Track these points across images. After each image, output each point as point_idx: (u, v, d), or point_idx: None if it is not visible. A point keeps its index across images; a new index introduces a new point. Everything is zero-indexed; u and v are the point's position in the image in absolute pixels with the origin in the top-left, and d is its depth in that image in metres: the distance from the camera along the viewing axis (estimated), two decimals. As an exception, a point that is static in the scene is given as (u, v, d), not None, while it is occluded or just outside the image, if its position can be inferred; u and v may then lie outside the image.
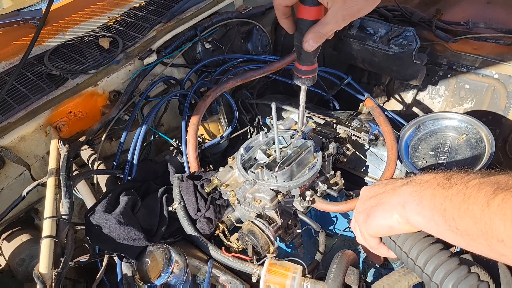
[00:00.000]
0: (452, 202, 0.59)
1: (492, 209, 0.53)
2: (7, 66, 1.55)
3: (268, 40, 1.85)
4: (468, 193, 0.57)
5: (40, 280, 0.88)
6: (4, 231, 1.36)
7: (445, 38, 1.82)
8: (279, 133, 1.08)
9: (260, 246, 0.97)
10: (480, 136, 1.32)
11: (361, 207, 0.80)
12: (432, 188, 0.64)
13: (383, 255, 0.82)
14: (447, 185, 0.62)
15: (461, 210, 0.57)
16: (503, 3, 1.99)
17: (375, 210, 0.74)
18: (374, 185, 0.81)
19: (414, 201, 0.66)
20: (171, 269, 0.91)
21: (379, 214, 0.73)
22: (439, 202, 0.61)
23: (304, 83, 0.99)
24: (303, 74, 0.98)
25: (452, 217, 0.59)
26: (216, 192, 1.12)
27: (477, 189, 0.57)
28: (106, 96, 1.50)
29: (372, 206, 0.75)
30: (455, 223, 0.58)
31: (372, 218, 0.74)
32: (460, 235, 0.58)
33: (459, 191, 0.59)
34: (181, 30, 1.66)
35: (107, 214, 1.05)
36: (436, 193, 0.63)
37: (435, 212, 0.62)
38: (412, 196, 0.67)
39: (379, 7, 2.12)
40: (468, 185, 0.58)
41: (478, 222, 0.55)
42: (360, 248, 1.40)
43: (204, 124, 1.58)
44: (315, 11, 0.83)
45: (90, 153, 1.36)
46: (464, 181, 0.60)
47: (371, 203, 0.76)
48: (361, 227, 0.79)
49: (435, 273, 0.66)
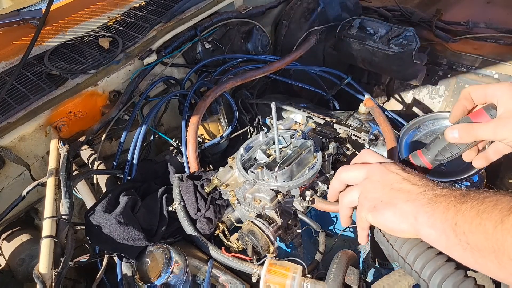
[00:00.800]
0: (464, 216, 0.58)
1: (506, 225, 0.52)
2: (7, 66, 1.55)
3: (268, 40, 1.85)
4: (483, 209, 0.56)
5: (40, 280, 0.88)
6: (4, 231, 1.36)
7: (445, 38, 1.82)
8: (279, 133, 1.08)
9: (260, 246, 0.97)
10: (480, 136, 1.32)
11: (372, 192, 0.75)
12: (447, 202, 0.63)
13: (366, 238, 0.80)
14: (462, 200, 0.61)
15: (473, 224, 0.56)
16: (503, 3, 1.99)
17: (385, 209, 0.71)
18: (389, 166, 0.75)
19: (427, 213, 0.64)
20: (171, 269, 0.91)
21: (389, 215, 0.70)
22: (451, 216, 0.60)
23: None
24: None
25: (463, 231, 0.58)
26: (216, 192, 1.12)
27: (492, 205, 0.56)
28: (106, 96, 1.50)
29: (382, 200, 0.72)
30: (465, 237, 0.57)
31: (379, 214, 0.72)
32: (470, 250, 0.57)
33: (473, 206, 0.58)
34: (181, 30, 1.66)
35: (107, 214, 1.05)
36: (449, 207, 0.61)
37: (446, 225, 0.60)
38: (424, 207, 0.65)
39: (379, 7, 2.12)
40: (484, 201, 0.57)
41: (490, 238, 0.54)
42: (360, 248, 1.41)
43: (204, 124, 1.58)
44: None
45: (90, 153, 1.36)
46: (480, 198, 0.59)
47: (383, 197, 0.72)
48: (362, 210, 0.76)
49: (431, 278, 0.66)
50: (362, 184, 0.79)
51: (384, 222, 0.72)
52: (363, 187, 0.78)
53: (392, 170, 0.76)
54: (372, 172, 0.78)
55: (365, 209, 0.75)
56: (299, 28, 1.90)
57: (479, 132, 0.77)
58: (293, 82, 1.85)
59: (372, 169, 0.79)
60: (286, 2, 2.02)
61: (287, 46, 1.93)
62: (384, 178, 0.75)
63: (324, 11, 1.94)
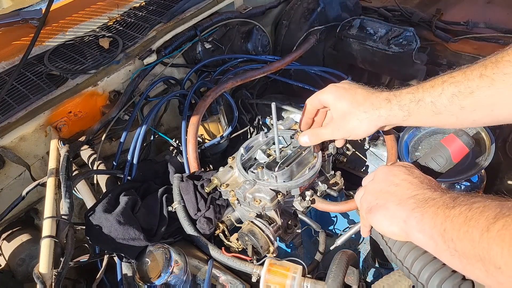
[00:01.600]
0: (452, 223, 0.58)
1: (491, 234, 0.52)
2: (7, 66, 1.55)
3: (268, 40, 1.85)
4: (470, 216, 0.56)
5: (40, 280, 0.88)
6: (4, 231, 1.36)
7: (445, 38, 1.82)
8: (279, 133, 1.08)
9: (260, 246, 0.97)
10: (480, 136, 1.32)
11: (370, 194, 0.78)
12: (436, 206, 0.63)
13: (368, 232, 0.84)
14: (451, 205, 0.61)
15: (461, 232, 0.56)
16: (503, 3, 1.99)
17: (378, 212, 0.73)
18: (392, 169, 0.79)
19: (415, 218, 0.65)
20: (171, 269, 0.91)
21: (380, 218, 0.72)
22: (439, 221, 0.60)
23: None
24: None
25: (451, 238, 0.58)
26: (216, 192, 1.12)
27: (479, 212, 0.55)
28: (106, 96, 1.50)
29: (377, 204, 0.74)
30: (454, 244, 0.57)
31: (373, 216, 0.74)
32: (458, 257, 0.57)
33: (461, 213, 0.58)
34: (181, 30, 1.66)
35: (107, 214, 1.05)
36: (438, 212, 0.62)
37: (435, 231, 0.61)
38: (414, 212, 0.66)
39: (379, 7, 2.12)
40: (471, 207, 0.57)
41: (476, 246, 0.53)
42: (360, 248, 1.41)
43: (204, 124, 1.58)
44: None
45: (90, 153, 1.36)
46: (468, 203, 0.59)
47: (378, 200, 0.75)
48: (362, 211, 0.80)
49: (429, 281, 0.66)
50: (366, 186, 0.82)
51: (377, 224, 0.74)
52: (366, 188, 0.81)
53: (394, 171, 0.78)
54: (377, 173, 0.81)
55: (363, 210, 0.78)
56: (299, 28, 1.90)
57: (323, 135, 0.98)
58: (293, 82, 1.85)
59: (378, 171, 0.82)
60: (286, 2, 2.02)
61: (287, 46, 1.93)
62: (385, 179, 0.78)
63: (324, 11, 1.94)
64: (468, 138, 0.91)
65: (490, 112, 0.74)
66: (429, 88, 0.80)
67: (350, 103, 0.90)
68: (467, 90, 0.74)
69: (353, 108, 0.90)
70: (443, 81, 0.78)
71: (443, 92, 0.77)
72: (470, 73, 0.75)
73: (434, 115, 0.80)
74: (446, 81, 0.78)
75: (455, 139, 0.91)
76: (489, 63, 0.73)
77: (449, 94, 0.77)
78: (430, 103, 0.79)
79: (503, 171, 1.63)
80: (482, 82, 0.72)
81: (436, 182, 0.74)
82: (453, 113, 0.78)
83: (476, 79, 0.73)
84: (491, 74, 0.71)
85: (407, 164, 0.81)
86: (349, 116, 0.90)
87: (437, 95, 0.78)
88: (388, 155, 1.30)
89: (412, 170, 0.77)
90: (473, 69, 0.75)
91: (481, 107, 0.74)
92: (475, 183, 1.30)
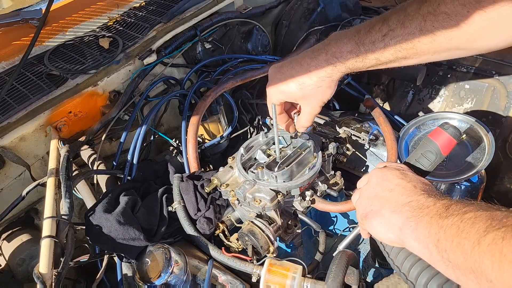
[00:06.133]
0: (446, 233, 0.59)
1: (482, 248, 0.52)
2: (7, 66, 1.55)
3: (268, 40, 1.85)
4: (462, 227, 0.57)
5: (40, 280, 0.88)
6: (4, 231, 1.36)
7: (445, 38, 1.82)
8: (279, 133, 1.08)
9: (260, 246, 0.97)
10: (480, 136, 1.32)
11: (365, 199, 0.78)
12: (429, 216, 0.64)
13: (366, 234, 0.85)
14: (444, 215, 0.61)
15: (454, 243, 0.57)
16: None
17: (373, 218, 0.74)
18: (386, 172, 0.79)
19: (410, 227, 0.66)
20: (171, 269, 0.91)
21: (377, 224, 0.73)
22: (434, 231, 0.61)
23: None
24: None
25: (444, 248, 0.58)
26: (216, 192, 1.12)
27: (471, 223, 0.56)
28: (106, 96, 1.50)
29: (372, 210, 0.75)
30: (447, 255, 0.58)
31: (369, 223, 0.74)
32: (452, 268, 0.58)
33: (454, 223, 0.58)
34: (181, 30, 1.66)
35: (107, 214, 1.05)
36: (432, 222, 0.62)
37: (429, 241, 0.62)
38: (409, 220, 0.67)
39: (379, 7, 2.12)
40: (463, 218, 0.58)
41: (468, 258, 0.54)
42: (360, 248, 1.41)
43: (204, 124, 1.58)
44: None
45: (90, 153, 1.36)
46: (460, 213, 0.59)
47: (373, 206, 0.75)
48: (358, 215, 0.80)
49: (426, 287, 0.67)
50: (361, 189, 0.83)
51: (374, 231, 0.74)
52: (360, 192, 0.82)
53: (388, 176, 0.78)
54: (371, 176, 0.82)
55: (359, 215, 0.79)
56: (299, 28, 1.90)
57: (307, 115, 1.02)
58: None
59: (372, 174, 0.82)
60: (286, 2, 2.02)
61: (287, 46, 1.93)
62: (379, 183, 0.79)
63: (324, 11, 1.94)
64: (455, 129, 0.91)
65: (431, 56, 0.81)
66: (370, 44, 0.82)
67: (297, 81, 0.94)
68: (409, 45, 0.78)
69: (305, 79, 0.94)
70: (383, 35, 0.80)
71: (385, 49, 0.81)
72: (409, 24, 0.77)
73: (377, 65, 0.85)
74: (387, 35, 0.80)
75: (442, 132, 0.91)
76: (427, 13, 0.75)
77: (392, 50, 0.80)
78: (375, 59, 0.84)
79: (503, 171, 1.63)
80: (424, 38, 0.76)
81: (430, 185, 0.75)
82: (395, 63, 0.84)
83: (417, 33, 0.76)
84: (432, 28, 0.74)
85: (400, 167, 0.81)
86: (306, 88, 0.95)
87: (380, 53, 0.82)
88: (388, 155, 1.30)
89: (405, 174, 0.78)
90: (411, 18, 0.77)
91: (422, 54, 0.80)
92: (475, 183, 1.30)
